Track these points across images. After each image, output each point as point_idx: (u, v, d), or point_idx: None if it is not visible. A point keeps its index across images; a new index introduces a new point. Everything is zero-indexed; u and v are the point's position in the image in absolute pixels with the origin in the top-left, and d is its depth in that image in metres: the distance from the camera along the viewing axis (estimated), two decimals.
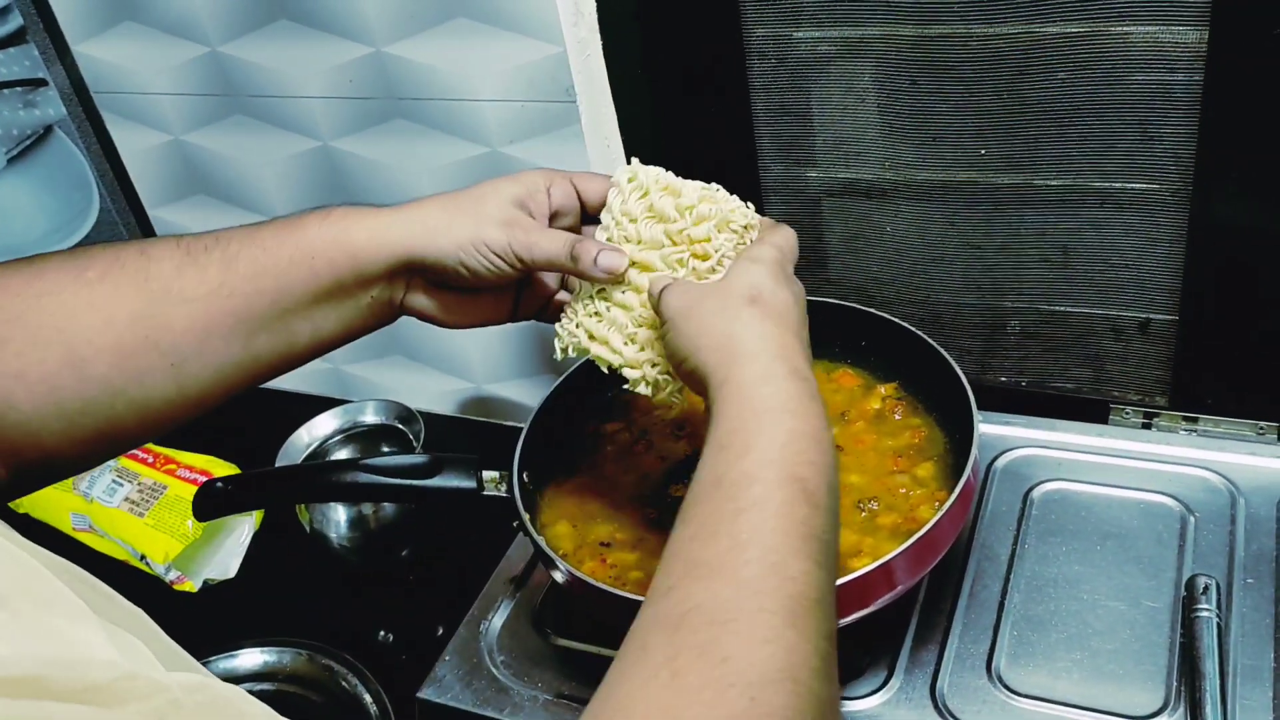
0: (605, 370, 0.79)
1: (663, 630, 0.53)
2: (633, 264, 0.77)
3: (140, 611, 0.50)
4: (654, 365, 0.77)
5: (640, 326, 0.77)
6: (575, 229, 0.82)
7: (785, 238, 0.76)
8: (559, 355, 0.82)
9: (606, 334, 0.79)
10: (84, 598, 0.46)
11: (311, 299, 0.74)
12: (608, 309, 0.78)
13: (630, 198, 0.78)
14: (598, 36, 1.01)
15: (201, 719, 0.42)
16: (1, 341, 0.65)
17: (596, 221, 0.81)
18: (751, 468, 0.59)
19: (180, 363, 0.70)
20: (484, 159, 1.08)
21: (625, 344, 0.78)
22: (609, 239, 0.78)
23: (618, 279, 0.77)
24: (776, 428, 0.61)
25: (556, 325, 0.82)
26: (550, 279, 0.85)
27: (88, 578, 0.51)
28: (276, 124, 1.17)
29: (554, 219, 0.81)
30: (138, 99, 1.24)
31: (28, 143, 1.31)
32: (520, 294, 0.84)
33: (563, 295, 0.85)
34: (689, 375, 0.69)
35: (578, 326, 0.80)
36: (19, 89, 1.27)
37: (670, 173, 0.80)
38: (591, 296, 0.79)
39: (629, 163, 0.81)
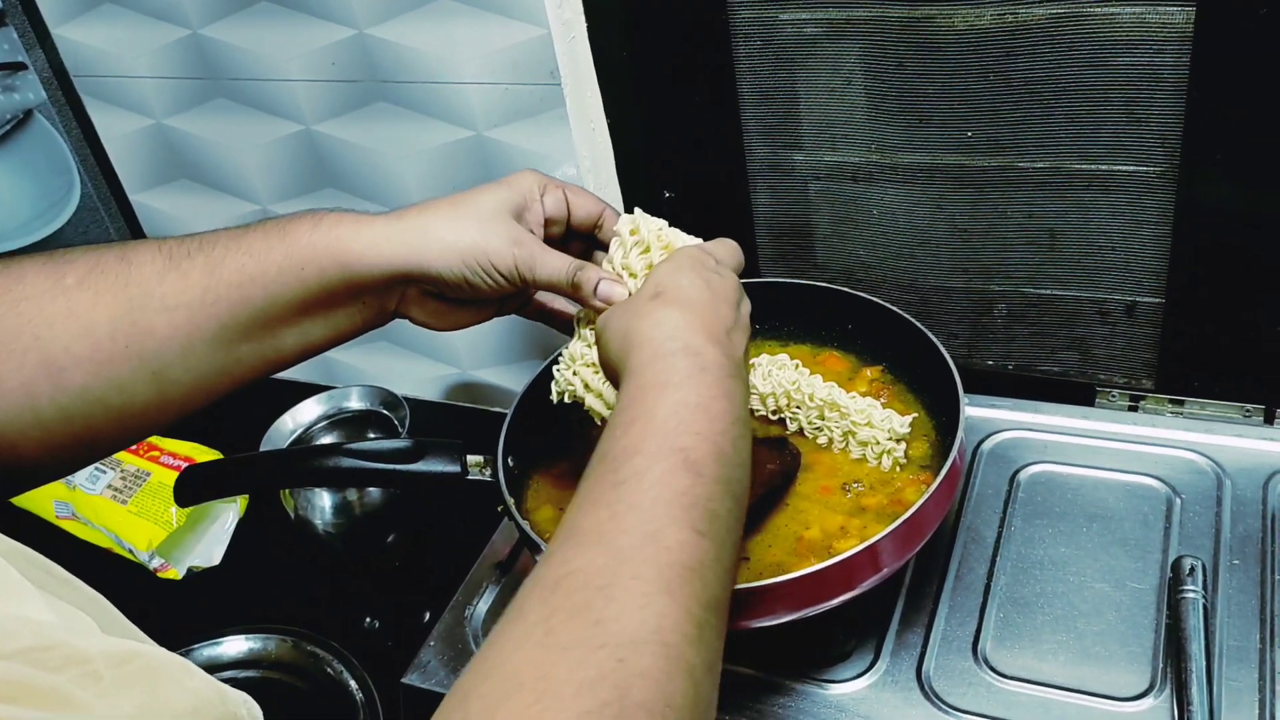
0: (598, 421, 0.83)
1: (540, 593, 0.53)
2: None
3: (100, 597, 0.50)
4: None
5: None
6: (561, 239, 0.82)
7: (719, 244, 0.78)
8: (554, 398, 0.85)
9: (600, 387, 0.82)
10: (36, 579, 0.45)
11: (300, 308, 0.73)
12: None
13: (631, 252, 0.80)
14: (582, 18, 1.00)
15: (126, 690, 0.41)
16: None
17: (582, 237, 0.84)
18: (633, 441, 0.60)
19: (162, 370, 0.69)
20: (468, 142, 1.07)
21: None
22: None
23: None
24: (659, 401, 0.62)
25: (554, 369, 0.85)
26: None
27: (45, 562, 0.50)
28: (259, 107, 1.16)
29: (545, 227, 0.81)
30: (119, 83, 1.22)
31: (7, 127, 1.29)
32: (503, 301, 0.84)
33: (542, 295, 0.86)
34: (611, 380, 0.70)
35: (574, 375, 0.83)
36: None
37: (673, 228, 0.82)
38: (589, 345, 0.81)
39: (631, 211, 0.82)
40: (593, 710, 0.47)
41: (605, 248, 0.83)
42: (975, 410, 1.03)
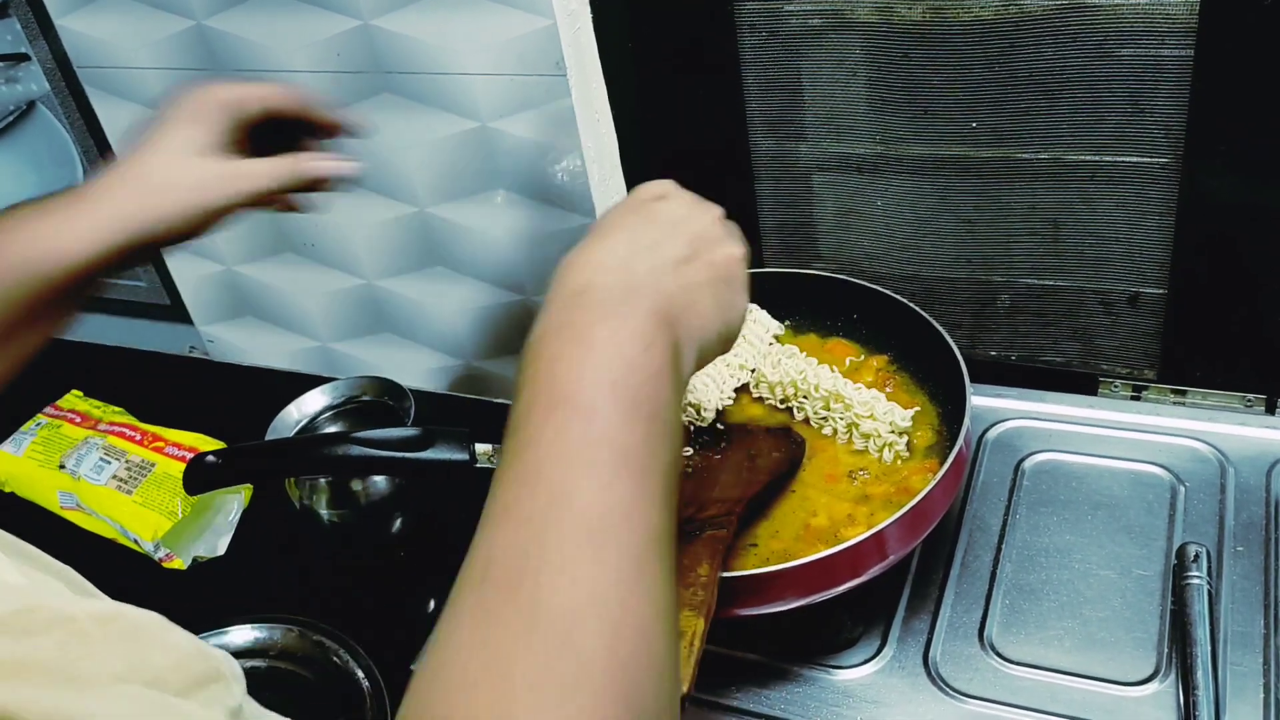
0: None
1: (470, 585, 0.52)
2: None
3: (68, 568, 0.49)
4: None
5: None
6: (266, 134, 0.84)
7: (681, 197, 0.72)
8: None
9: None
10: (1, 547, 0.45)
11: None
12: None
13: None
14: (588, 9, 1.01)
15: (113, 648, 0.41)
16: None
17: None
18: (521, 411, 0.56)
19: None
20: (473, 133, 1.07)
21: None
22: None
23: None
24: (540, 353, 0.57)
25: None
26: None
27: (9, 537, 0.49)
28: None
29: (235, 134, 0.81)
30: (122, 73, 1.22)
31: (10, 119, 1.29)
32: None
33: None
34: None
35: None
36: (1, 64, 1.26)
37: None
38: None
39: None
40: (552, 693, 0.46)
41: (315, 131, 0.85)
42: (980, 399, 1.03)
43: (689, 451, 0.93)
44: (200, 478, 0.89)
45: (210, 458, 0.89)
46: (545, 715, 0.46)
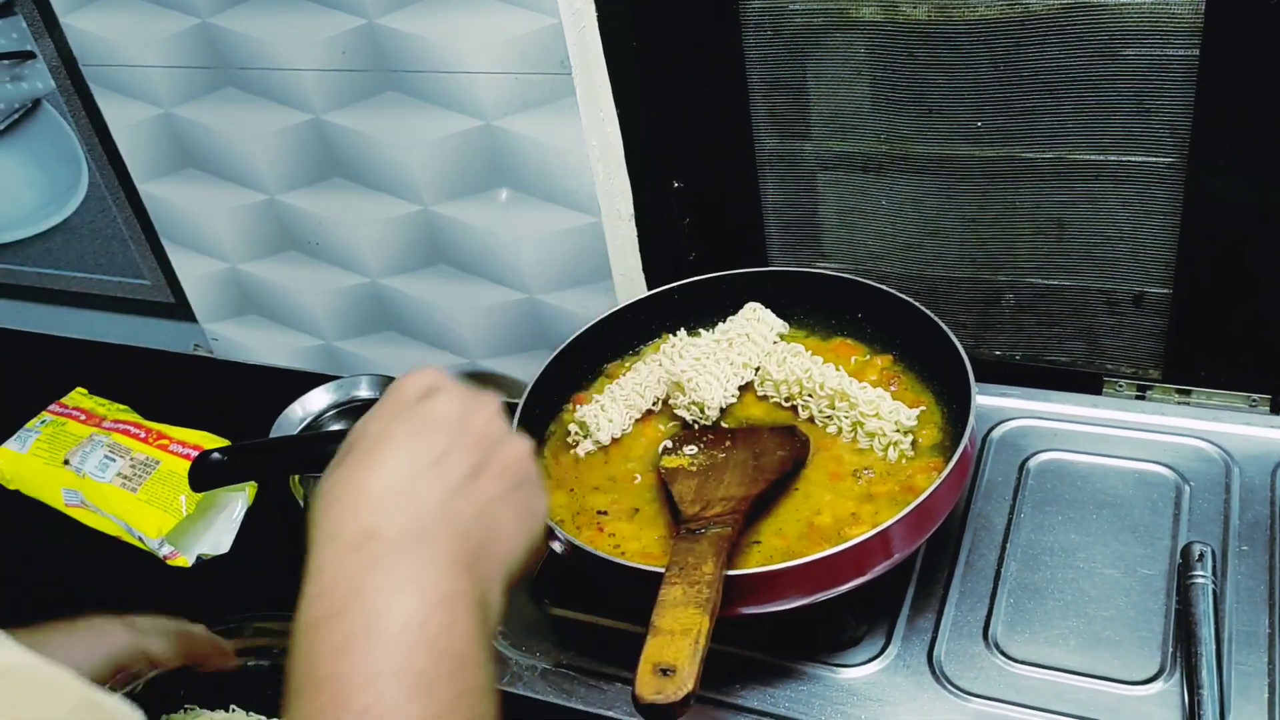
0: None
1: None
2: None
3: None
4: None
5: None
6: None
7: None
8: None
9: None
10: None
11: None
12: None
13: None
14: (592, 8, 1.01)
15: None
16: None
17: None
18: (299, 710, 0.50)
19: None
20: (478, 132, 1.08)
21: None
22: None
23: None
24: (314, 654, 0.51)
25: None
26: None
27: None
28: (268, 97, 1.16)
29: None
30: (127, 72, 1.22)
31: (15, 116, 1.30)
32: None
33: None
34: None
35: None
36: (7, 62, 1.26)
37: None
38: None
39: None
40: None
41: None
42: (985, 399, 1.03)
43: (694, 450, 0.93)
44: (205, 475, 0.89)
45: (215, 455, 0.89)
46: None
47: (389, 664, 0.48)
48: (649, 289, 1.14)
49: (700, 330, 1.07)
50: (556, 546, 0.86)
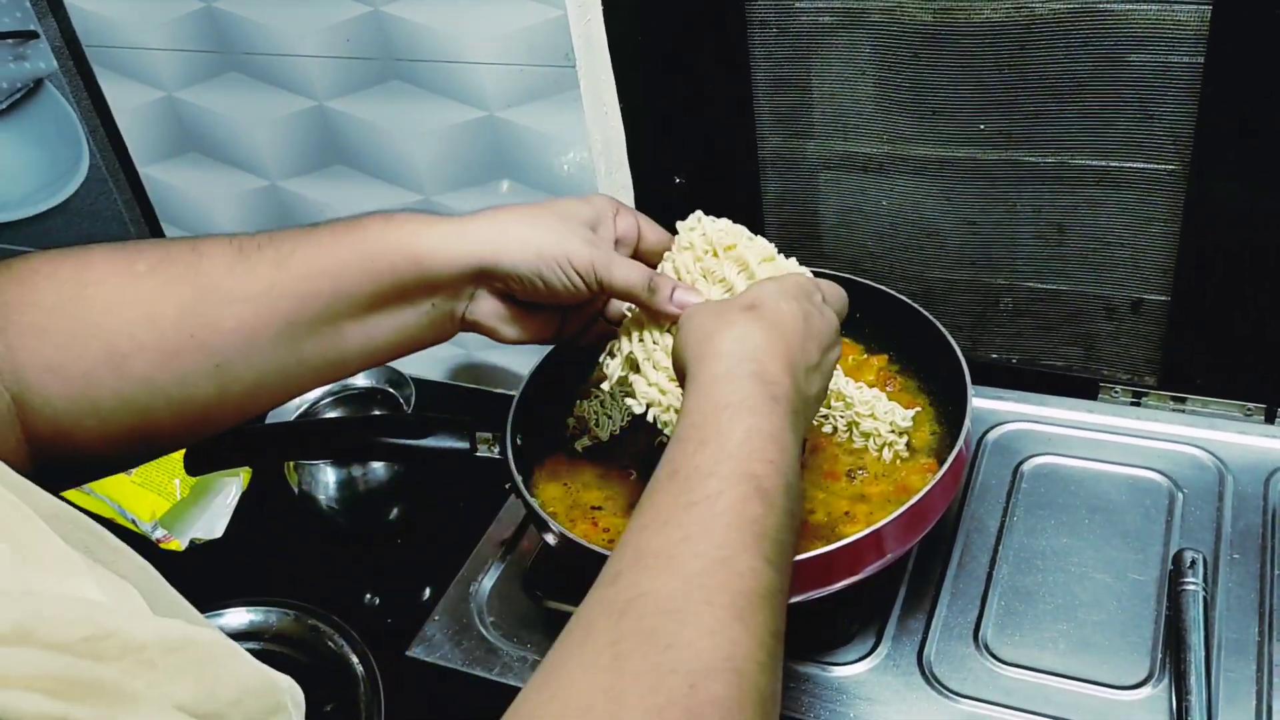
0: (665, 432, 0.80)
1: (608, 615, 0.53)
2: None
3: (148, 565, 0.50)
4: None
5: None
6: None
7: (829, 284, 0.77)
8: (640, 409, 0.80)
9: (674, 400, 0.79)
10: (83, 544, 0.45)
11: (368, 303, 0.72)
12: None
13: (705, 258, 0.80)
14: (598, 1, 1.01)
15: (177, 679, 0.41)
16: (40, 331, 0.63)
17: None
18: (706, 462, 0.59)
19: (224, 364, 0.68)
20: (481, 123, 1.07)
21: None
22: None
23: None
24: (734, 424, 0.61)
25: (632, 379, 0.81)
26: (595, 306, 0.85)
27: (90, 525, 0.50)
28: (271, 82, 1.16)
29: (614, 245, 0.81)
30: (130, 54, 1.22)
31: (17, 96, 1.29)
32: (568, 314, 0.83)
33: (611, 310, 0.86)
34: (679, 376, 0.69)
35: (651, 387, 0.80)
36: (9, 41, 1.26)
37: (736, 226, 0.83)
38: (654, 352, 0.80)
39: (695, 217, 0.83)
40: None
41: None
42: (980, 401, 1.03)
43: None
44: (200, 459, 0.89)
45: (211, 438, 0.89)
46: None
47: (784, 474, 0.60)
48: None
49: None
50: (550, 539, 0.86)
